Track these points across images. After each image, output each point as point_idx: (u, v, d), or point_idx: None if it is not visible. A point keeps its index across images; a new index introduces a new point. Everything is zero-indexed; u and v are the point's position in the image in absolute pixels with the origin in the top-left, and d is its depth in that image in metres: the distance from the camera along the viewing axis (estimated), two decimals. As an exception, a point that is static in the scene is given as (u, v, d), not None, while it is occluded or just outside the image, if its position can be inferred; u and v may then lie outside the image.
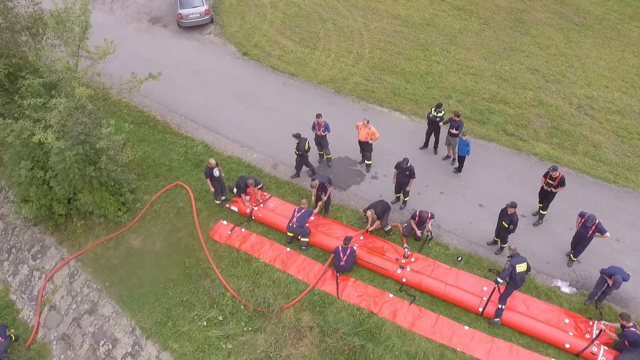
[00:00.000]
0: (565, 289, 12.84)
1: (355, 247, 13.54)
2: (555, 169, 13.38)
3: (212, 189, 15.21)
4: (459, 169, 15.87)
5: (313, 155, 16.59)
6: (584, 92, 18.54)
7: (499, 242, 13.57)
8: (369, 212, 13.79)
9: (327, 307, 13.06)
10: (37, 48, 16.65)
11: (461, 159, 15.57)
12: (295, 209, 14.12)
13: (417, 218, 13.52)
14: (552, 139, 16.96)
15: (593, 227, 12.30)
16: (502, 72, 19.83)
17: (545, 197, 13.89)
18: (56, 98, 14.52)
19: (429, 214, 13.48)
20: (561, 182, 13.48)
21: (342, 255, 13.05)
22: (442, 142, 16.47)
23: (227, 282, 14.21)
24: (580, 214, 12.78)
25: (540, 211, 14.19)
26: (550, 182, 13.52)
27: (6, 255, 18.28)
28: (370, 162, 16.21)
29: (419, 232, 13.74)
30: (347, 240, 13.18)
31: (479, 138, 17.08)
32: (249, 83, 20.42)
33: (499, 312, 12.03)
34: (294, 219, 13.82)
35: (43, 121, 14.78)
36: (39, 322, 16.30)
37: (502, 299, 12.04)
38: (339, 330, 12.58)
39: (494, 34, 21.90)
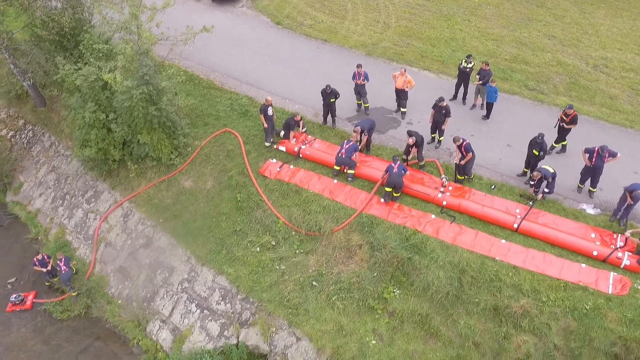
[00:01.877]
0: (590, 210, 14.25)
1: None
2: (570, 107, 14.87)
3: (265, 125, 16.57)
4: (487, 116, 17.35)
5: (351, 105, 18.12)
6: (599, 54, 20.15)
7: (529, 171, 14.99)
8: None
9: (375, 227, 14.41)
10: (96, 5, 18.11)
11: (489, 106, 17.06)
12: (344, 141, 15.54)
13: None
14: (570, 92, 18.48)
15: (608, 154, 13.72)
16: (521, 38, 21.43)
17: (560, 133, 15.32)
18: (122, 45, 16.01)
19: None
20: (573, 120, 14.96)
21: (394, 167, 14.34)
22: (470, 94, 17.97)
23: (279, 212, 15.57)
24: (585, 150, 14.02)
25: (554, 143, 15.60)
26: (564, 117, 15.01)
27: (60, 201, 19.59)
28: (405, 109, 17.69)
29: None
30: (396, 158, 14.53)
31: (503, 92, 18.51)
32: (284, 48, 21.94)
33: None
34: (343, 150, 15.24)
35: (108, 66, 16.24)
36: (95, 258, 17.59)
37: None
38: (387, 246, 13.94)
39: (512, 6, 23.58)
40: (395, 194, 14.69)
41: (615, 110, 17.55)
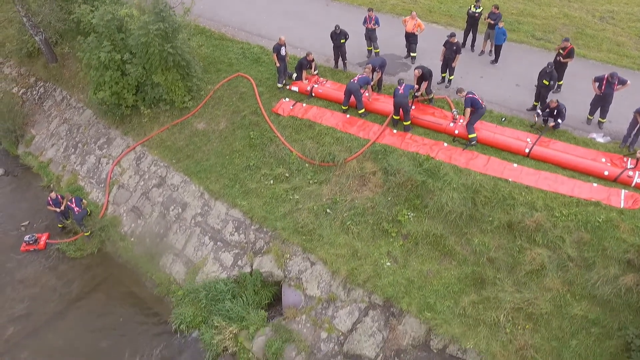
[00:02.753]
0: (600, 139, 14.42)
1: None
2: (567, 40, 15.12)
3: (278, 64, 16.77)
4: (495, 60, 17.58)
5: (362, 51, 18.37)
6: (605, 8, 20.45)
7: (539, 104, 15.17)
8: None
9: (388, 155, 14.53)
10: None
11: (498, 49, 17.29)
12: (358, 74, 15.78)
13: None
14: (577, 41, 18.67)
15: (617, 81, 13.91)
16: (527, -6, 21.79)
17: (558, 70, 15.40)
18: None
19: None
20: (570, 53, 15.17)
21: (399, 89, 14.53)
22: (478, 40, 18.22)
23: (292, 146, 15.73)
24: (595, 78, 14.20)
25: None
26: (561, 51, 15.22)
27: (72, 150, 19.74)
28: (415, 54, 17.90)
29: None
30: (401, 80, 14.69)
31: (510, 41, 18.74)
32: (294, 4, 22.21)
33: None
34: (355, 78, 15.45)
35: (124, 6, 16.48)
36: (108, 200, 17.72)
37: None
38: (400, 171, 14.09)
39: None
40: (405, 122, 14.85)
41: (623, 55, 17.77)
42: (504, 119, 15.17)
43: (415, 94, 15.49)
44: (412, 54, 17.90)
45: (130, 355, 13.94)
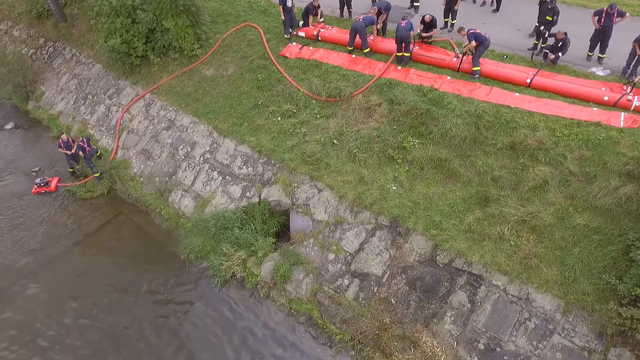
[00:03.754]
0: (600, 72, 14.72)
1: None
2: None
3: (283, 17, 17.10)
4: (497, 9, 17.94)
5: (366, 4, 18.72)
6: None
7: (539, 43, 15.47)
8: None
9: (393, 87, 14.78)
10: None
11: (499, -2, 17.72)
12: (363, 13, 16.13)
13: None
14: (578, -6, 19.15)
15: (616, 13, 14.23)
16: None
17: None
18: None
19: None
20: None
21: (402, 23, 14.84)
22: (480, -8, 18.61)
23: (299, 85, 16.01)
24: (594, 12, 14.42)
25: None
26: None
27: (82, 101, 19.98)
28: (418, 4, 18.26)
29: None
30: (405, 17, 14.97)
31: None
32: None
33: None
34: (361, 17, 15.76)
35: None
36: (118, 145, 17.95)
37: None
38: (405, 100, 14.37)
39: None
40: (405, 54, 15.14)
41: (623, 5, 18.11)
42: (505, 56, 15.46)
43: (422, 34, 15.78)
44: (415, 4, 18.25)
45: (141, 284, 14.09)
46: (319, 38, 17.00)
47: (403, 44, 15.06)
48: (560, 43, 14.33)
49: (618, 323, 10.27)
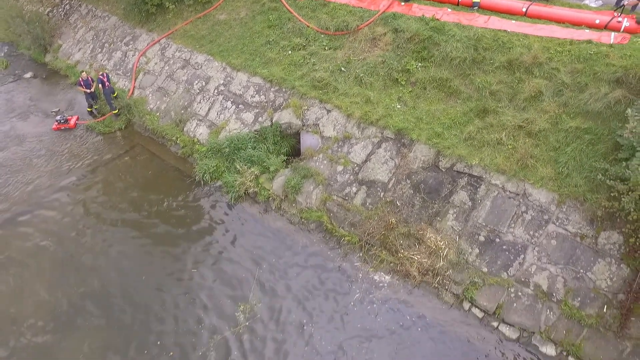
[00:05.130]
0: (593, 3, 15.56)
1: None
2: None
3: None
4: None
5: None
6: None
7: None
8: None
9: (397, 19, 15.57)
10: None
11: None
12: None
13: None
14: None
15: None
16: None
17: None
18: None
19: None
20: None
21: None
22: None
23: (308, 22, 16.77)
24: None
25: None
26: None
27: (99, 50, 20.70)
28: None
29: None
30: None
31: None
32: None
33: None
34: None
35: None
36: (134, 86, 18.66)
37: None
38: (409, 29, 15.15)
39: None
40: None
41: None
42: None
43: None
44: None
45: (158, 202, 14.71)
46: (327, -20, 17.77)
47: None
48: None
49: (607, 206, 10.99)
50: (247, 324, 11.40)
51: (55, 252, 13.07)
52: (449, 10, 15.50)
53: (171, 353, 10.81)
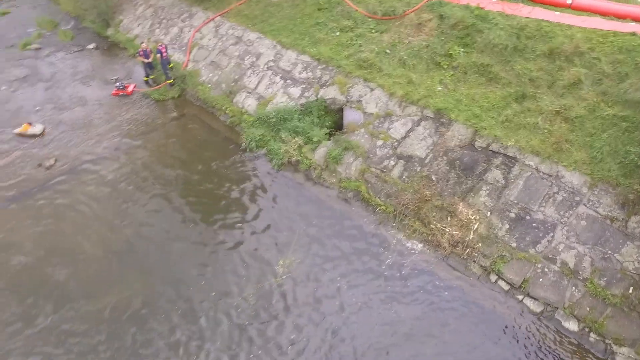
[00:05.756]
0: None
1: None
2: None
3: None
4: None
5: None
6: None
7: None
8: None
9: (443, 6, 16.08)
10: None
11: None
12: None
13: None
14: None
15: None
16: None
17: None
18: None
19: None
20: None
21: None
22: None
23: (357, 7, 17.45)
24: None
25: None
26: None
27: (157, 25, 21.84)
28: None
29: None
30: None
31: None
32: None
33: None
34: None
35: None
36: (189, 59, 19.70)
37: None
38: (453, 15, 15.64)
39: None
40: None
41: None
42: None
43: None
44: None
45: (206, 164, 15.60)
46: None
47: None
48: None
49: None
50: (285, 277, 12.13)
51: (110, 200, 14.13)
52: (494, 0, 15.89)
53: (213, 293, 11.65)
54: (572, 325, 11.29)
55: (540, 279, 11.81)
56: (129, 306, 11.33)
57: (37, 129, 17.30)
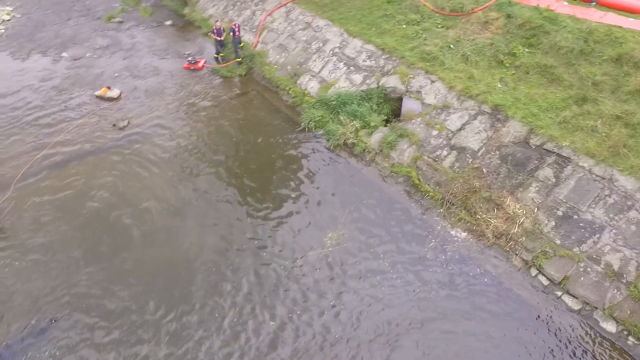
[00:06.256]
0: None
1: None
2: None
3: None
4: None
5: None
6: None
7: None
8: None
9: (512, 6, 16.24)
10: None
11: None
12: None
13: None
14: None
15: None
16: None
17: None
18: None
19: None
20: None
21: None
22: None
23: (425, 1, 17.86)
24: None
25: None
26: None
27: (231, 7, 22.97)
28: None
29: None
30: None
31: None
32: None
33: None
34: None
35: None
36: (258, 40, 20.68)
37: None
38: (522, 15, 15.79)
39: None
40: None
41: None
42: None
43: None
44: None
45: (266, 137, 16.46)
46: (449, -34, 18.68)
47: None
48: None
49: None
50: (332, 249, 12.77)
51: (174, 162, 15.27)
52: (565, 3, 15.91)
53: (264, 253, 12.45)
54: (610, 327, 11.31)
55: (582, 278, 11.89)
56: (185, 257, 12.29)
57: (114, 92, 18.69)
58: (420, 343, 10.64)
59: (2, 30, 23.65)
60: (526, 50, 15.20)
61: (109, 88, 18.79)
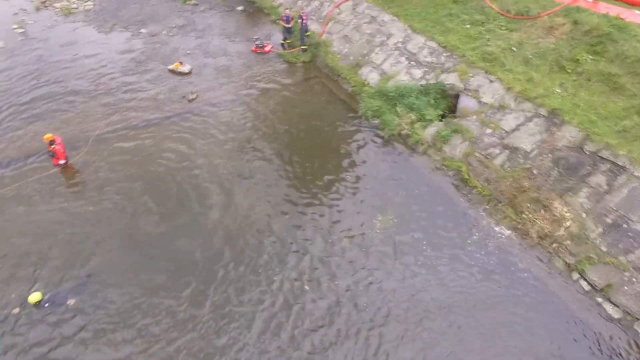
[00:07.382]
0: None
1: None
2: None
3: None
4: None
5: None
6: None
7: None
8: None
9: (580, 12, 16.08)
10: None
11: None
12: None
13: None
14: None
15: None
16: None
17: None
18: None
19: None
20: None
21: None
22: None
23: (491, 3, 17.89)
24: None
25: None
26: None
27: (301, -3, 23.73)
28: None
29: None
30: None
31: None
32: None
33: None
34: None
35: None
36: (324, 30, 21.27)
37: None
38: (589, 22, 15.61)
39: None
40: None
41: None
42: (698, 10, 15.91)
43: None
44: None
45: (324, 122, 17.00)
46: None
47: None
48: None
49: None
50: (380, 231, 13.25)
51: (235, 136, 16.25)
52: (637, 12, 15.61)
53: (304, 229, 13.10)
54: (649, 339, 11.24)
55: (625, 287, 11.83)
56: (232, 223, 13.14)
57: (185, 68, 19.77)
58: (454, 324, 11.03)
59: (91, 6, 25.34)
60: (590, 57, 15.05)
61: (181, 63, 19.88)
